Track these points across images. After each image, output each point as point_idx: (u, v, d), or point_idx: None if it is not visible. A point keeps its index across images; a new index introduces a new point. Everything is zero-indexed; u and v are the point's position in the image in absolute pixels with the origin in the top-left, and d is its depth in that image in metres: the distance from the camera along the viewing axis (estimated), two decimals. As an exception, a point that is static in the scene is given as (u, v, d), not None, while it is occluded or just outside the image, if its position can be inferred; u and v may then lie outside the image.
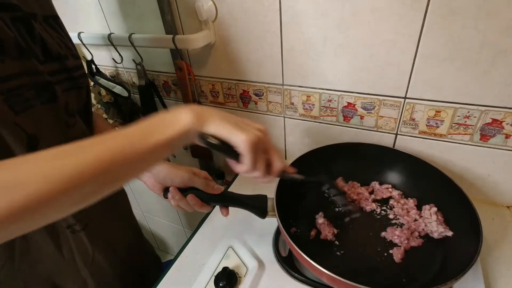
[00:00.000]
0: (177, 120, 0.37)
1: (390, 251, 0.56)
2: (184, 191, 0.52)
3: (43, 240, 0.49)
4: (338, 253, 0.57)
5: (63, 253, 0.52)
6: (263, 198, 0.56)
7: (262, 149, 0.41)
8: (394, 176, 0.71)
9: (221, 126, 0.38)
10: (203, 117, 0.38)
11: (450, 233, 0.57)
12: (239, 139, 0.38)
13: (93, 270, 0.56)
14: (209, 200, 0.53)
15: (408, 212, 0.63)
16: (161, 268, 0.81)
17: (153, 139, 0.35)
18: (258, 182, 0.45)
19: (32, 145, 0.41)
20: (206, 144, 0.38)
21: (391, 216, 0.63)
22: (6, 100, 0.37)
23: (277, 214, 0.54)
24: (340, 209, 0.65)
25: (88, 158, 0.30)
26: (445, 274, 0.48)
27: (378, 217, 0.64)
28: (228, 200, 0.55)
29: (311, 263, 0.47)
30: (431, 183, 0.64)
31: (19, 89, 0.39)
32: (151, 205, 1.46)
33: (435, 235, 0.58)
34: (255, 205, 0.55)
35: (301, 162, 0.63)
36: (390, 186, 0.69)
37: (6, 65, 0.37)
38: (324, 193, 0.67)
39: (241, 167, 0.41)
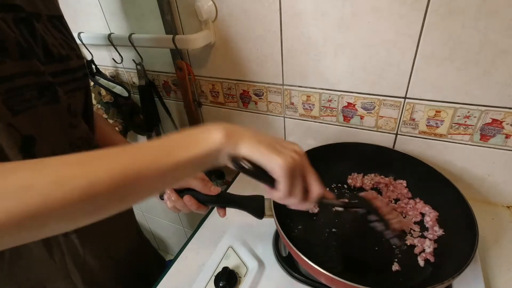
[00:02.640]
0: (205, 138, 0.34)
1: (388, 252, 0.56)
2: (180, 192, 0.52)
3: (34, 243, 0.48)
4: (335, 252, 0.57)
5: (54, 257, 0.51)
6: (260, 198, 0.56)
7: (300, 174, 0.37)
8: (392, 176, 0.71)
9: (255, 149, 0.35)
10: (235, 137, 0.35)
11: (443, 233, 0.57)
12: (275, 164, 0.34)
13: (84, 274, 0.55)
14: (206, 201, 0.52)
15: (407, 212, 0.63)
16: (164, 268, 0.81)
17: (176, 156, 0.32)
18: (293, 208, 0.41)
19: (27, 146, 0.41)
20: (238, 167, 0.35)
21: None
22: (5, 101, 0.37)
23: (274, 215, 0.54)
24: (339, 209, 0.65)
25: (102, 170, 0.29)
26: (442, 273, 0.48)
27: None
28: (224, 201, 0.54)
29: (309, 263, 0.47)
30: (428, 183, 0.64)
31: (19, 90, 0.38)
32: (151, 205, 1.46)
33: (431, 236, 0.58)
34: (252, 205, 0.55)
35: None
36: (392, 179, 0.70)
37: (7, 65, 0.37)
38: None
39: (276, 193, 0.37)
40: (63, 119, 0.46)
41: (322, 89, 0.72)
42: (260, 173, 0.36)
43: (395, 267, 0.53)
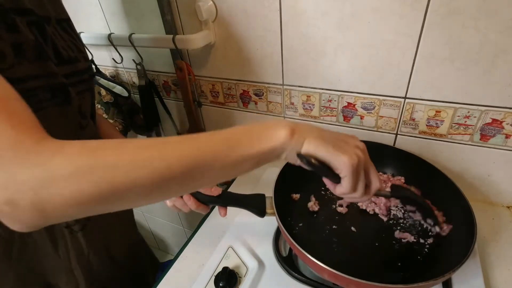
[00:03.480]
0: (271, 135, 0.35)
1: (388, 247, 0.57)
2: None
3: (42, 238, 0.50)
4: (337, 249, 0.58)
5: (59, 252, 0.52)
6: (261, 197, 0.56)
7: (363, 171, 0.38)
8: (390, 173, 0.71)
9: (320, 147, 0.36)
10: (299, 135, 0.36)
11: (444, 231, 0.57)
12: (341, 162, 0.36)
13: (86, 271, 0.56)
14: (208, 200, 0.53)
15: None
16: (160, 269, 0.81)
17: (242, 151, 0.33)
18: (351, 201, 0.42)
19: None
20: (307, 164, 0.36)
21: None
22: None
23: (276, 213, 0.54)
24: (337, 206, 0.65)
25: (177, 154, 0.31)
26: (442, 267, 0.48)
27: (372, 213, 0.64)
28: (226, 200, 0.55)
29: (312, 260, 0.47)
30: (426, 179, 0.64)
31: (33, 91, 0.39)
32: (151, 205, 1.45)
33: (430, 232, 0.58)
34: (253, 204, 0.56)
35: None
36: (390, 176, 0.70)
37: (23, 67, 0.38)
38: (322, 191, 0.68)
39: (340, 189, 0.39)
40: (73, 120, 0.47)
41: (322, 89, 0.72)
42: (325, 170, 0.37)
43: (396, 261, 0.54)
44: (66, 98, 0.44)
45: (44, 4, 0.44)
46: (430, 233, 0.58)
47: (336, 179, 0.38)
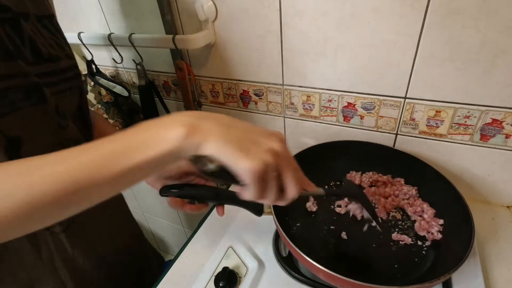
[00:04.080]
0: (162, 136, 0.30)
1: (385, 248, 0.57)
2: (180, 187, 0.51)
3: (21, 242, 0.48)
4: (334, 249, 0.58)
5: (42, 255, 0.50)
6: None
7: (273, 177, 0.33)
8: (390, 174, 0.72)
9: (222, 149, 0.30)
10: (198, 134, 0.30)
11: (439, 236, 0.57)
12: (241, 169, 0.30)
13: (73, 271, 0.54)
14: (205, 198, 0.53)
15: (406, 209, 0.63)
16: (164, 267, 0.81)
17: (128, 160, 0.29)
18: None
19: (13, 148, 0.40)
20: (198, 170, 0.31)
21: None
22: None
23: (273, 212, 0.54)
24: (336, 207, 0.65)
25: (41, 181, 0.27)
26: (440, 269, 0.49)
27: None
28: (224, 198, 0.54)
29: (307, 260, 0.47)
30: (426, 181, 0.64)
31: (4, 92, 0.37)
32: (151, 205, 1.46)
33: (428, 234, 0.58)
34: (251, 202, 0.55)
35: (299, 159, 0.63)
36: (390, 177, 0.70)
37: None
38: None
39: (246, 194, 0.34)
40: (51, 120, 0.45)
41: (322, 89, 0.72)
42: (226, 176, 0.32)
43: (393, 263, 0.54)
44: (40, 97, 0.42)
45: (24, 0, 0.43)
46: (428, 236, 0.58)
47: (242, 183, 0.33)
